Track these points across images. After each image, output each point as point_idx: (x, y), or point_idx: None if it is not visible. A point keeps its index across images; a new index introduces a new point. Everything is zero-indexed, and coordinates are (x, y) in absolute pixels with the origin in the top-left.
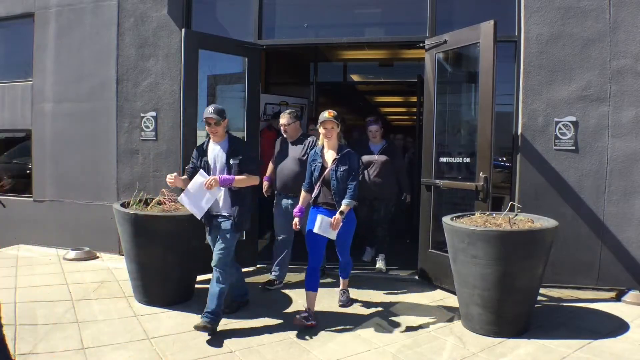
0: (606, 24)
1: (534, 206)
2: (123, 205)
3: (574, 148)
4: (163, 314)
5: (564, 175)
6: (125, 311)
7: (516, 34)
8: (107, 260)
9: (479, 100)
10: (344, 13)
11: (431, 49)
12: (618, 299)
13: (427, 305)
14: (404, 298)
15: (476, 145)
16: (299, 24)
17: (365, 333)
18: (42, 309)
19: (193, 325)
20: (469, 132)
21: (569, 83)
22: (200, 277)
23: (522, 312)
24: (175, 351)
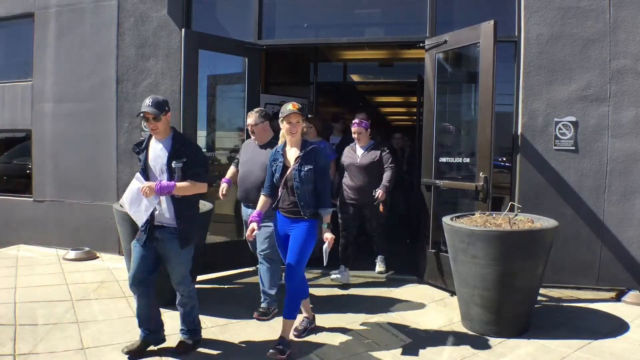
0: (606, 24)
1: (534, 206)
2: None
3: (574, 148)
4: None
5: (564, 175)
6: (125, 311)
7: (516, 34)
8: (107, 260)
9: (479, 100)
10: (344, 13)
11: (431, 49)
12: (618, 299)
13: (427, 305)
14: (404, 298)
15: (476, 145)
16: (299, 24)
17: (365, 333)
18: (42, 309)
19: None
20: (469, 132)
21: (569, 83)
22: (200, 277)
23: (522, 312)
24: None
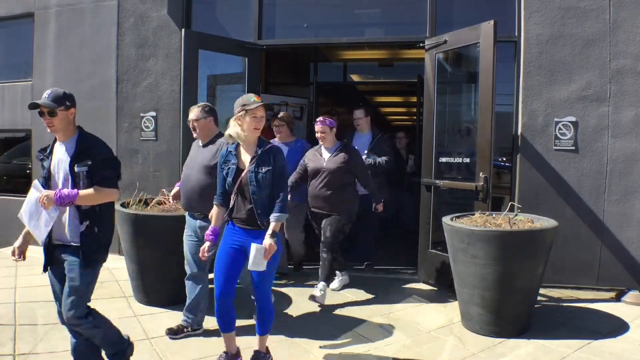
0: (606, 24)
1: (534, 206)
2: (123, 205)
3: (573, 148)
4: (163, 314)
5: (564, 175)
6: (125, 311)
7: (516, 34)
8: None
9: (479, 100)
10: (344, 13)
11: (431, 49)
12: (618, 299)
13: (427, 305)
14: (404, 298)
15: (476, 145)
16: (299, 24)
17: (364, 333)
18: (42, 309)
19: None
20: (469, 132)
21: (569, 83)
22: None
23: (522, 312)
24: (175, 351)
